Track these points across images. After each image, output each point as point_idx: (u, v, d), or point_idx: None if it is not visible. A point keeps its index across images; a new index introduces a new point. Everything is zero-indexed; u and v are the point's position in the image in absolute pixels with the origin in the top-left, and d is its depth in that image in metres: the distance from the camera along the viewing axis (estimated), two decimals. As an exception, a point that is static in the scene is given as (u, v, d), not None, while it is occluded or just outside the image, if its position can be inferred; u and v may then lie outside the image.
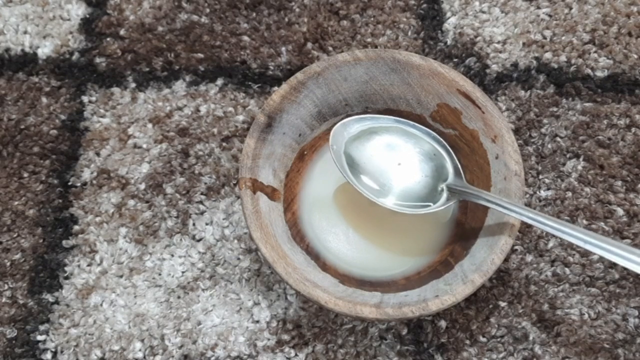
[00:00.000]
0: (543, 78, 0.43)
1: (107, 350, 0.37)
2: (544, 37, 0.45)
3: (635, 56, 0.44)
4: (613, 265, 0.38)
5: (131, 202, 0.41)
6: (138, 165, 0.42)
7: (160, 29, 0.46)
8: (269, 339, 0.37)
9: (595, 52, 0.44)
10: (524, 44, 0.45)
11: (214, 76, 0.45)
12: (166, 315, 0.38)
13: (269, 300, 0.38)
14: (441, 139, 0.36)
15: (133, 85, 0.45)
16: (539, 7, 0.46)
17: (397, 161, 0.36)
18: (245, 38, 0.46)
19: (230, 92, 0.44)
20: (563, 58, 0.44)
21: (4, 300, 0.39)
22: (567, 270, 0.38)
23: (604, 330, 0.37)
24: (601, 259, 0.38)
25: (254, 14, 0.47)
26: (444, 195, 0.35)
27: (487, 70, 0.44)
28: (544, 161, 0.41)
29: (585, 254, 0.38)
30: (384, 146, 0.36)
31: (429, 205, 0.35)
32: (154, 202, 0.41)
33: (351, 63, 0.37)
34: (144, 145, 0.43)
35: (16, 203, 0.41)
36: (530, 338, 0.37)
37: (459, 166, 0.36)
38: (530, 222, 0.31)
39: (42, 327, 0.38)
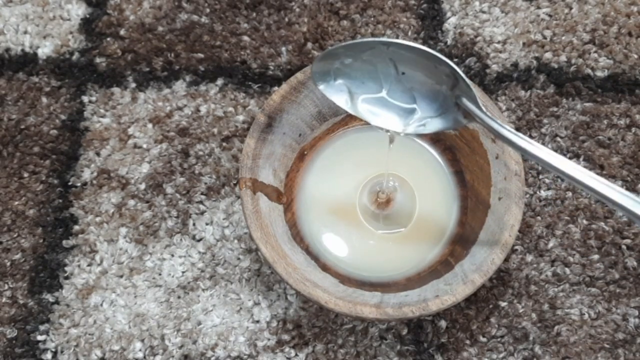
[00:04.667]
0: (543, 78, 0.43)
1: (107, 350, 0.37)
2: (544, 37, 0.45)
3: (636, 56, 0.44)
4: (613, 265, 0.38)
5: (131, 202, 0.41)
6: (138, 165, 0.42)
7: (160, 29, 0.46)
8: (269, 339, 0.37)
9: (595, 52, 0.44)
10: (524, 43, 0.45)
11: (214, 76, 0.45)
12: (166, 315, 0.38)
13: (269, 300, 0.38)
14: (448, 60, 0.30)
15: (133, 85, 0.45)
16: (539, 7, 0.46)
17: (402, 70, 0.31)
18: (246, 38, 0.46)
19: (231, 92, 0.44)
20: (563, 58, 0.44)
21: (4, 300, 0.39)
22: (567, 270, 0.38)
23: (604, 330, 0.37)
24: (601, 259, 0.38)
25: (254, 14, 0.47)
26: (458, 111, 0.30)
27: (487, 70, 0.44)
28: (544, 161, 0.41)
29: (586, 254, 0.38)
30: (382, 60, 0.31)
31: (442, 121, 0.30)
32: (154, 202, 0.41)
33: (351, 63, 0.37)
34: (144, 145, 0.43)
35: (16, 203, 0.41)
36: (531, 338, 0.37)
37: (470, 85, 0.30)
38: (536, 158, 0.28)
39: (42, 327, 0.38)
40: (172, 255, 0.39)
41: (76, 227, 0.40)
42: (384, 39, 0.30)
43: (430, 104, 0.31)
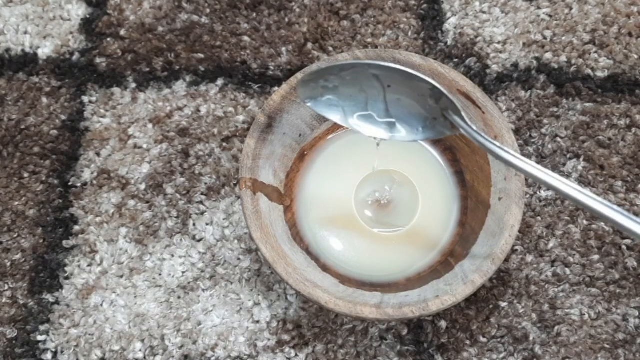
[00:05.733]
0: (543, 78, 0.43)
1: (107, 350, 0.37)
2: (545, 38, 0.45)
3: (636, 56, 0.44)
4: (614, 265, 0.38)
5: (131, 203, 0.41)
6: (138, 165, 0.42)
7: (160, 29, 0.46)
8: (269, 339, 0.37)
9: (595, 52, 0.44)
10: (524, 44, 0.45)
11: (214, 76, 0.45)
12: (166, 315, 0.38)
13: (269, 300, 0.38)
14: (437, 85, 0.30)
15: (133, 85, 0.45)
16: (539, 8, 0.46)
17: (387, 83, 0.31)
18: (246, 38, 0.46)
19: (231, 92, 0.44)
20: (563, 58, 0.44)
21: (4, 300, 0.39)
22: (567, 270, 0.38)
23: (604, 330, 0.37)
24: (601, 260, 0.38)
25: (254, 14, 0.47)
26: (445, 122, 0.31)
27: (488, 71, 0.44)
28: (545, 161, 0.41)
29: (586, 254, 0.38)
30: (366, 77, 0.32)
31: (428, 131, 0.32)
32: (154, 202, 0.41)
33: (351, 63, 0.37)
34: (144, 146, 0.43)
35: (16, 203, 0.41)
36: (531, 338, 0.37)
37: (454, 99, 0.30)
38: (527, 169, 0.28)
39: (42, 327, 0.38)
40: (172, 256, 0.39)
41: (76, 228, 0.40)
42: (365, 61, 0.31)
43: (417, 116, 0.32)
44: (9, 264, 0.40)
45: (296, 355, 0.37)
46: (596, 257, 0.38)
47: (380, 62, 0.31)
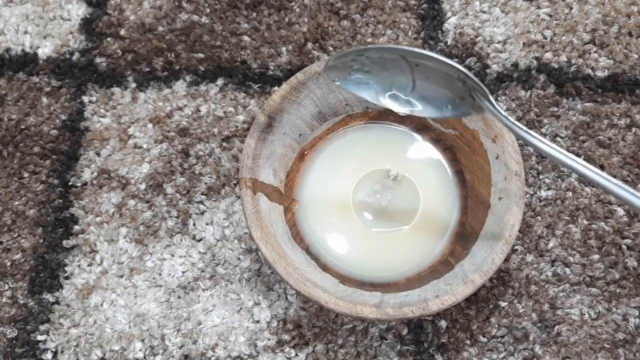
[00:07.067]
0: (543, 78, 0.43)
1: (107, 350, 0.37)
2: (545, 37, 0.45)
3: (636, 56, 0.44)
4: (614, 265, 0.38)
5: (131, 202, 0.41)
6: (138, 165, 0.42)
7: (160, 29, 0.46)
8: (269, 339, 0.37)
9: (595, 52, 0.44)
10: (524, 44, 0.45)
11: (214, 76, 0.45)
12: (166, 315, 0.38)
13: (270, 300, 0.38)
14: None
15: (133, 85, 0.45)
16: (539, 7, 0.46)
17: (414, 62, 0.32)
18: (246, 38, 0.46)
19: (231, 92, 0.44)
20: (563, 58, 0.44)
21: (4, 300, 0.39)
22: (567, 270, 0.38)
23: (604, 330, 0.37)
24: (602, 259, 0.38)
25: (255, 14, 0.47)
26: (473, 103, 0.31)
27: (488, 70, 0.44)
28: (545, 161, 0.41)
29: (586, 254, 0.38)
30: (393, 56, 0.32)
31: (456, 109, 0.32)
32: (155, 202, 0.41)
33: (351, 63, 0.37)
34: (145, 145, 0.43)
35: (16, 203, 0.41)
36: (531, 338, 0.37)
37: (483, 86, 0.31)
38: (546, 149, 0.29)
39: (42, 327, 0.38)
40: (173, 255, 0.39)
41: (76, 227, 0.40)
42: (391, 45, 0.32)
43: (445, 94, 0.32)
44: (9, 263, 0.40)
45: (296, 355, 0.37)
46: (596, 256, 0.38)
47: (404, 46, 0.31)
